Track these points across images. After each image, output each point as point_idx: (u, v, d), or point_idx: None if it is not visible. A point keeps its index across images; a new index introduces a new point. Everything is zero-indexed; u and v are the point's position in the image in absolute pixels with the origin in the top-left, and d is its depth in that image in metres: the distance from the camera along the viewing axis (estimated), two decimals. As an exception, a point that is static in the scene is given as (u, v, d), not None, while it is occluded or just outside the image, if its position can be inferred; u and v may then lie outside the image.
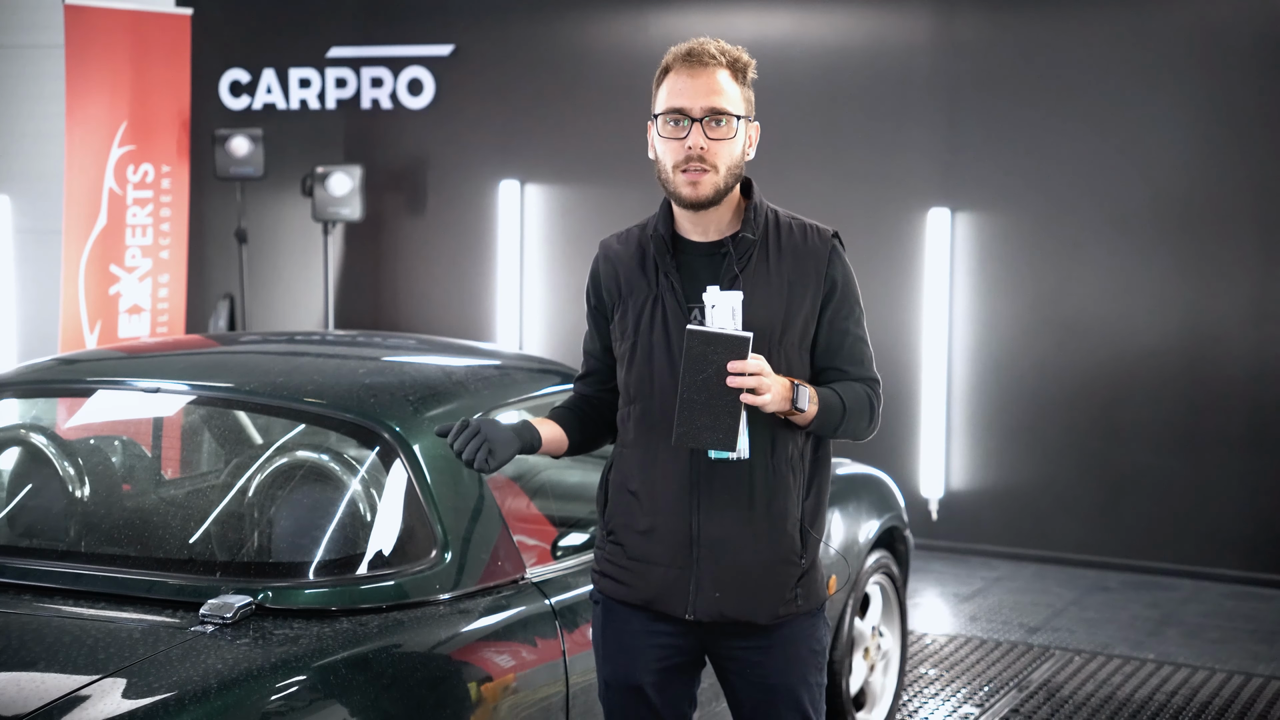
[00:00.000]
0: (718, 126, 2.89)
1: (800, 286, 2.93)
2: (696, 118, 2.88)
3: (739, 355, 2.73)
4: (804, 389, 2.85)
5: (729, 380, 2.72)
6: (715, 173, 2.89)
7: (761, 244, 2.94)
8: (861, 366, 3.01)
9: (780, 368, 2.88)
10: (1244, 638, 6.24)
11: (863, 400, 2.98)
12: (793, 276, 2.93)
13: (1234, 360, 7.04)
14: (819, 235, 2.99)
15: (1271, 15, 6.88)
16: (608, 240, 3.12)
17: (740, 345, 2.73)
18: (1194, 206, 7.07)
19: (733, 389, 2.73)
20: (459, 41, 8.60)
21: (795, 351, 2.93)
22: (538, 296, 8.48)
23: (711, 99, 2.89)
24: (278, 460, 3.36)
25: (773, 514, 2.92)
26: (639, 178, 8.17)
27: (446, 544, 3.26)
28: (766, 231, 2.96)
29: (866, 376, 3.01)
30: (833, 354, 2.97)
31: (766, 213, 2.99)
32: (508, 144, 8.51)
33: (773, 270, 2.92)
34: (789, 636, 2.99)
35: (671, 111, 2.91)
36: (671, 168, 2.92)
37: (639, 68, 8.16)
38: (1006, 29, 7.36)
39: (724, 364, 2.73)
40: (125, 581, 3.09)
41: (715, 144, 2.89)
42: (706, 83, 2.90)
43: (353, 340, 4.46)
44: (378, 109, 8.82)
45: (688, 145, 2.89)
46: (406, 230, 8.84)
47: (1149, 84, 7.12)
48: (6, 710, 2.56)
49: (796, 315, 2.92)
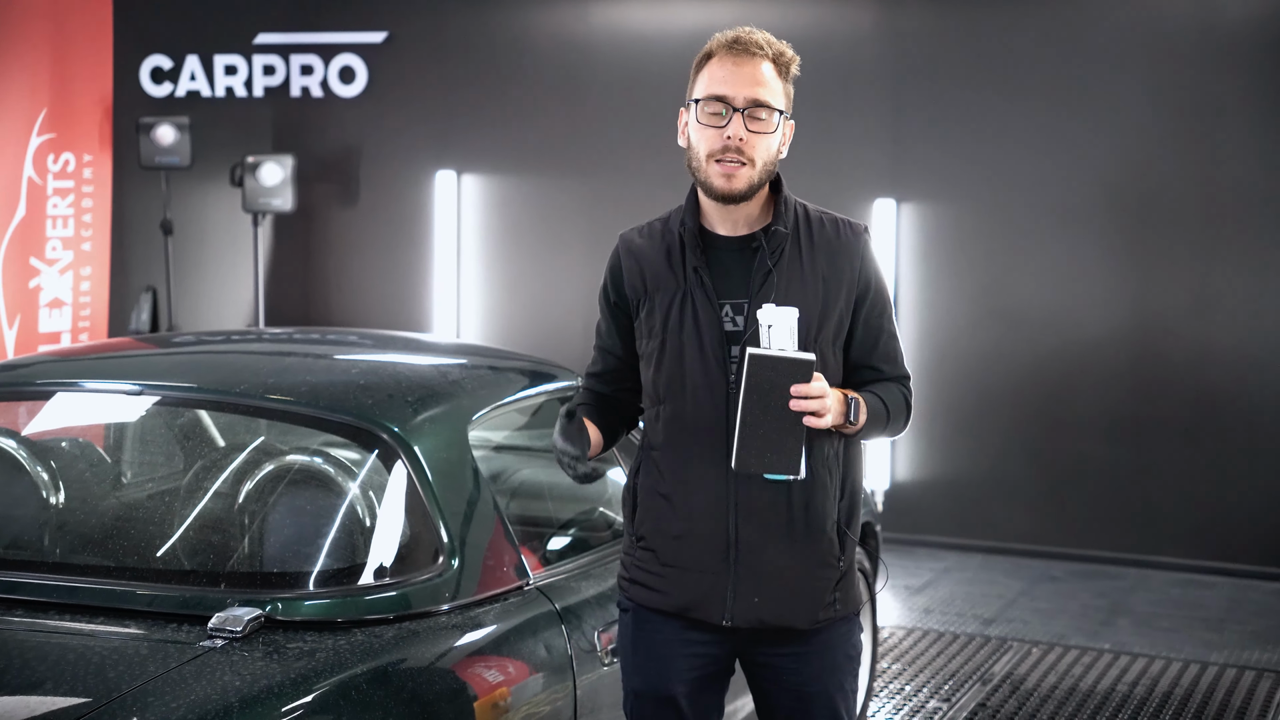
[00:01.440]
0: (759, 120, 2.81)
1: (835, 282, 2.86)
2: (739, 108, 2.80)
3: (804, 378, 2.65)
4: (857, 402, 2.78)
5: (794, 404, 2.64)
6: (751, 167, 2.81)
7: (793, 239, 2.87)
8: (895, 365, 2.95)
9: (819, 369, 2.81)
10: (1194, 626, 6.30)
11: (900, 402, 2.93)
12: (827, 272, 2.86)
13: (1177, 351, 7.11)
14: (851, 230, 2.93)
15: (1213, 8, 6.94)
16: (627, 234, 3.01)
17: (805, 368, 2.65)
18: (1137, 198, 7.13)
19: (795, 412, 2.65)
20: (392, 29, 8.44)
21: (830, 349, 2.86)
22: (475, 289, 8.35)
23: (756, 90, 2.81)
24: (275, 465, 3.23)
25: (810, 516, 2.85)
26: (579, 169, 8.09)
27: (453, 550, 3.15)
28: (797, 226, 2.89)
29: (900, 375, 2.96)
30: (868, 352, 2.91)
31: (795, 206, 2.92)
32: (443, 134, 8.37)
33: (806, 266, 2.85)
34: (826, 642, 2.92)
35: (713, 99, 2.83)
36: (706, 156, 2.83)
37: (580, 57, 8.06)
38: (951, 19, 7.37)
39: (787, 387, 2.64)
40: (123, 594, 2.95)
41: (754, 137, 2.81)
42: (751, 73, 2.82)
43: (323, 338, 4.32)
44: (308, 97, 8.62)
45: (727, 135, 2.80)
46: (339, 222, 8.67)
47: (1093, 76, 7.16)
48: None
49: (832, 312, 2.85)
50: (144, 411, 3.43)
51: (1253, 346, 6.98)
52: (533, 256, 8.24)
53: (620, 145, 8.02)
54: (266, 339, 4.42)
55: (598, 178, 8.07)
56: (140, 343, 3.96)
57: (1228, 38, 6.92)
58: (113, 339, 5.00)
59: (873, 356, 2.92)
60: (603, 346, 3.03)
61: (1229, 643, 6.07)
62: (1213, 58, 6.95)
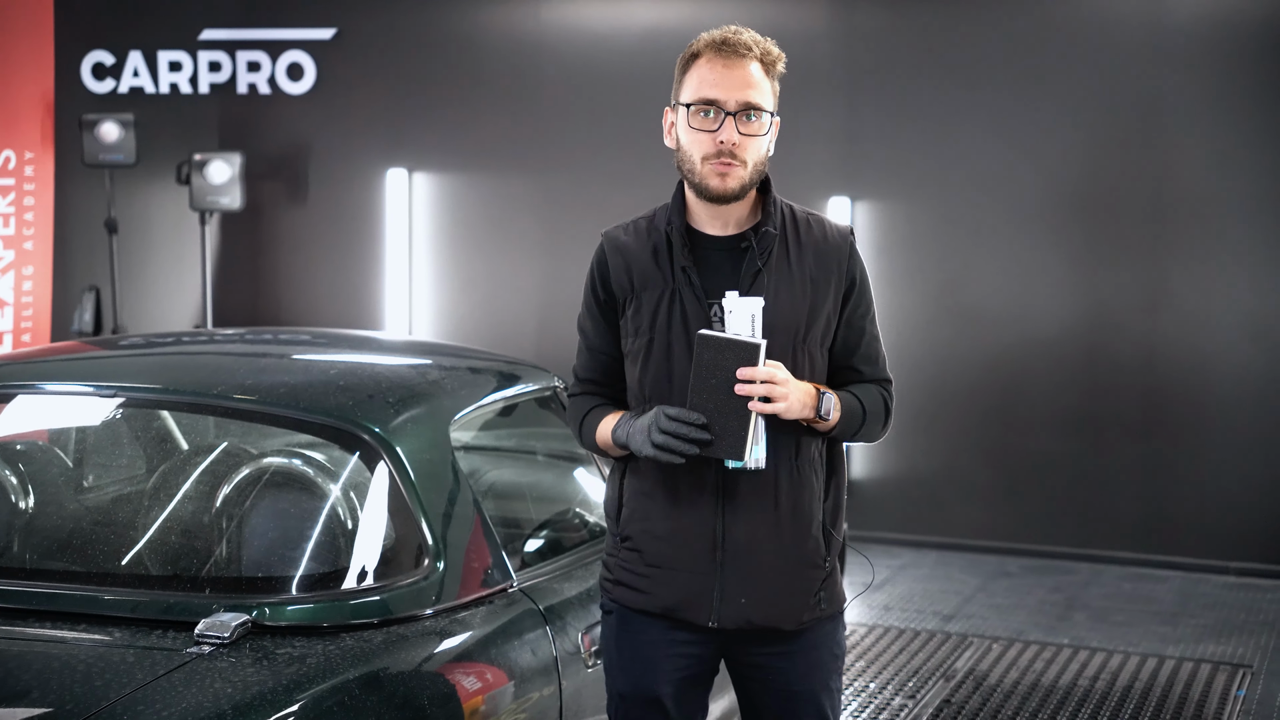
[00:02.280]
0: (750, 121, 2.81)
1: (823, 284, 2.86)
2: (731, 111, 2.79)
3: (749, 362, 2.65)
4: (829, 396, 2.78)
5: (737, 388, 2.65)
6: (744, 168, 2.81)
7: (781, 239, 2.86)
8: (876, 367, 2.96)
9: (803, 367, 2.81)
10: (1148, 620, 6.37)
11: (879, 404, 2.93)
12: (815, 273, 2.86)
13: (1128, 348, 7.18)
14: (838, 231, 2.93)
15: (1163, 8, 7.01)
16: (612, 232, 2.99)
17: (751, 352, 2.65)
18: (1090, 197, 7.19)
19: (743, 397, 2.65)
20: (341, 25, 8.35)
21: (817, 350, 2.87)
22: (426, 287, 8.29)
23: (747, 93, 2.80)
24: (255, 468, 3.19)
25: (797, 516, 2.85)
26: (532, 167, 8.06)
27: (438, 552, 3.12)
28: (785, 227, 2.89)
29: (881, 377, 2.97)
30: (849, 353, 2.92)
31: (782, 207, 2.92)
32: (394, 131, 8.30)
33: (794, 267, 2.85)
34: (812, 642, 2.92)
35: (703, 102, 2.81)
36: (700, 159, 2.82)
37: (532, 54, 8.02)
38: (905, 17, 7.40)
39: (733, 370, 2.65)
40: (104, 600, 2.89)
41: (747, 139, 2.80)
42: (741, 75, 2.82)
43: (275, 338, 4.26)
44: (255, 94, 8.52)
45: (719, 139, 2.79)
46: (287, 220, 8.57)
47: (1045, 75, 7.21)
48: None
49: (819, 313, 2.85)
50: (116, 414, 3.36)
51: (1202, 343, 7.06)
52: (485, 255, 8.19)
53: (573, 143, 7.99)
54: (225, 340, 4.33)
55: (550, 176, 8.03)
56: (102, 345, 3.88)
57: (1177, 38, 6.99)
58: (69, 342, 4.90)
59: (854, 358, 2.92)
60: (593, 347, 2.98)
61: (1183, 636, 6.14)
62: (1163, 58, 7.02)
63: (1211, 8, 6.97)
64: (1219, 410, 7.06)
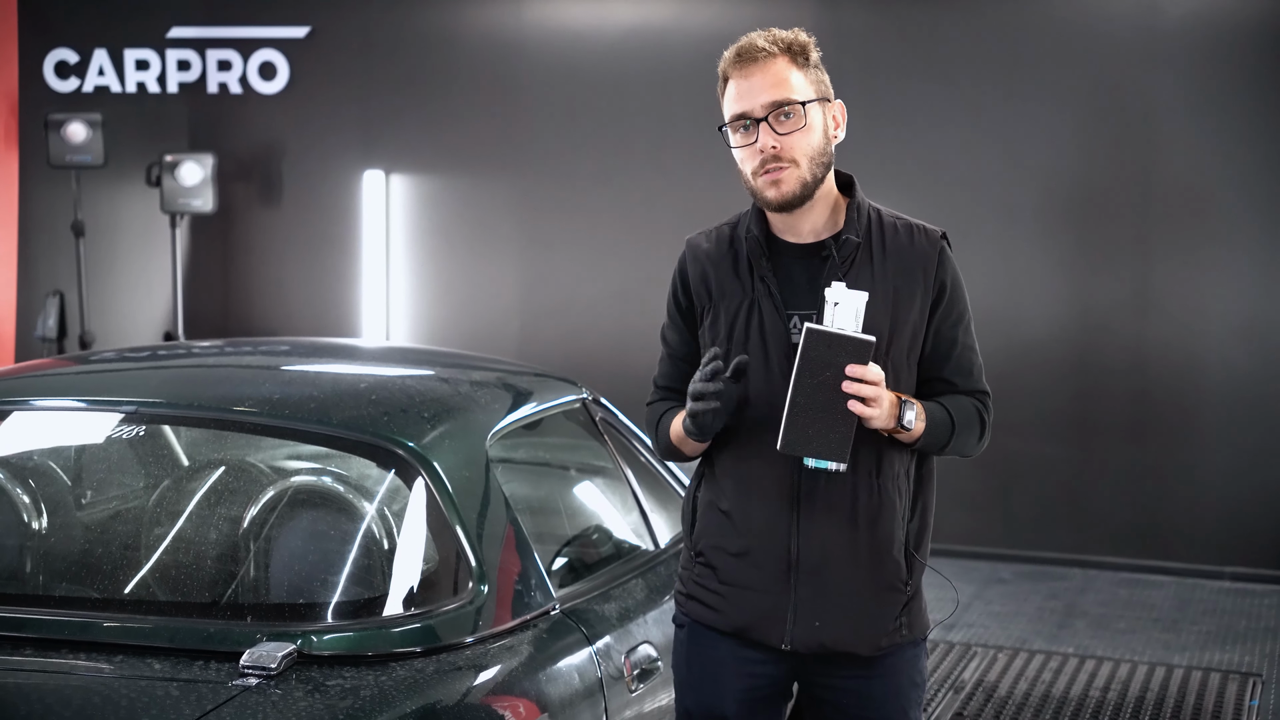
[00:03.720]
0: (785, 120, 2.68)
1: (907, 292, 2.73)
2: (760, 117, 2.67)
3: (860, 359, 2.53)
4: (911, 405, 2.66)
5: (846, 386, 2.53)
6: (797, 167, 2.68)
7: (864, 246, 2.74)
8: (970, 378, 2.83)
9: (888, 381, 2.68)
10: (1150, 627, 6.30)
11: (972, 416, 2.81)
12: (899, 281, 2.73)
13: (1118, 351, 7.13)
14: (926, 236, 2.80)
15: (1151, 8, 6.96)
16: (694, 239, 2.87)
17: (863, 349, 2.54)
18: (1078, 199, 7.13)
19: (848, 395, 2.53)
20: (315, 23, 8.17)
21: (904, 362, 2.74)
22: (404, 291, 8.12)
23: (769, 93, 2.68)
24: (288, 488, 3.03)
25: (877, 537, 2.74)
26: (512, 168, 7.92)
27: (481, 575, 2.97)
28: (869, 232, 2.76)
29: (976, 389, 2.84)
30: (939, 364, 2.79)
31: (869, 212, 2.79)
32: (371, 132, 8.12)
33: (877, 275, 2.72)
34: (891, 667, 2.80)
35: (736, 119, 2.71)
36: (751, 174, 2.72)
37: (512, 54, 7.88)
38: (890, 17, 7.30)
39: (842, 368, 2.53)
40: (140, 630, 2.73)
41: (787, 138, 2.68)
42: (761, 79, 2.69)
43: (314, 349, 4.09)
44: (226, 94, 8.32)
45: (759, 148, 2.68)
46: (260, 223, 8.37)
47: (1034, 77, 7.15)
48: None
49: (904, 324, 2.72)
50: (136, 432, 3.19)
51: (1192, 345, 7.01)
52: (465, 258, 8.03)
53: (554, 144, 7.84)
54: (236, 352, 4.08)
55: (531, 177, 7.88)
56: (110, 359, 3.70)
57: (1165, 38, 6.94)
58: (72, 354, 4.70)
59: (945, 369, 2.79)
60: (674, 355, 2.88)
61: (1187, 644, 6.08)
62: (1150, 58, 6.97)
63: (1201, 10, 6.92)
64: (1210, 413, 7.02)
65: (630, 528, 3.70)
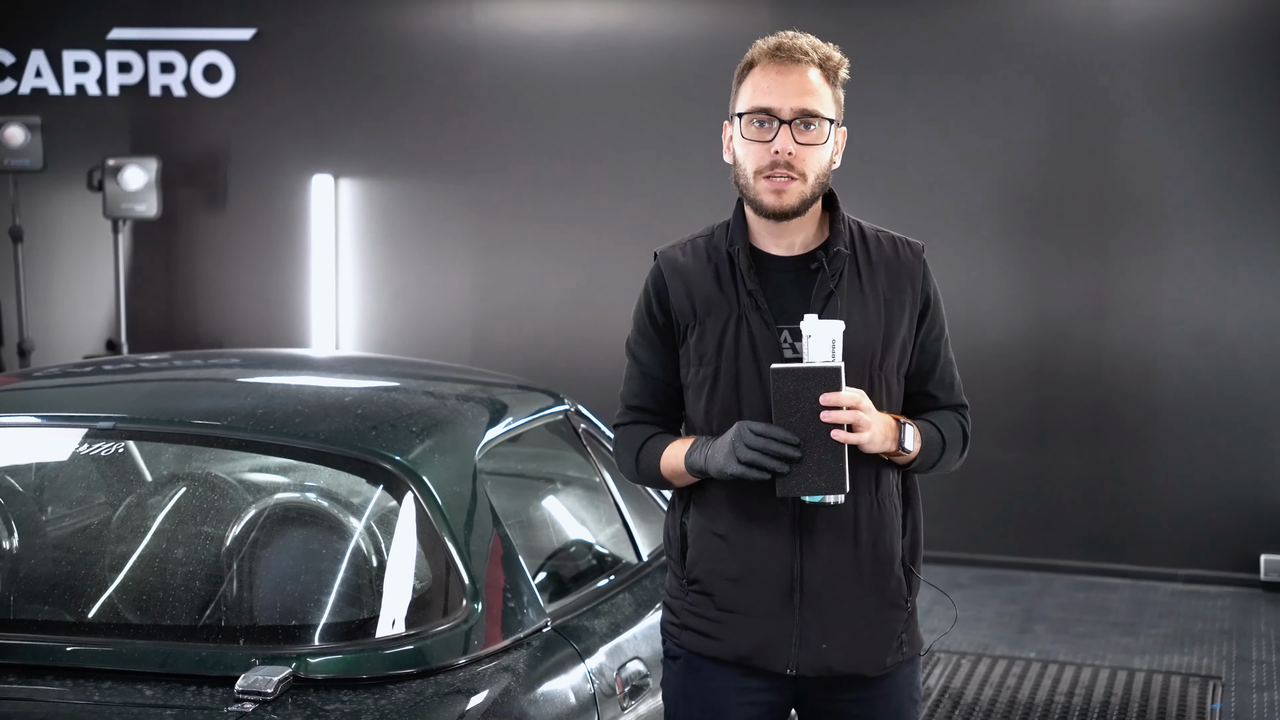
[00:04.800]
0: (808, 130, 2.62)
1: (897, 305, 2.69)
2: (785, 119, 2.61)
3: (832, 387, 2.48)
4: (909, 427, 2.63)
5: (824, 416, 2.48)
6: (803, 182, 2.63)
7: (850, 259, 2.70)
8: (952, 392, 2.82)
9: (880, 395, 2.65)
10: (1109, 630, 6.33)
11: (958, 433, 2.79)
12: (889, 295, 2.69)
13: (1076, 356, 7.16)
14: (910, 249, 2.77)
15: (1107, 15, 7.00)
16: (668, 253, 2.78)
17: (831, 377, 2.48)
18: (1036, 205, 7.15)
19: (831, 425, 2.48)
20: (261, 25, 8.04)
21: (894, 376, 2.71)
22: (354, 298, 8.01)
23: (803, 99, 2.61)
24: (276, 506, 2.94)
25: (878, 554, 2.69)
26: (464, 172, 7.83)
27: (475, 593, 2.90)
28: (854, 245, 2.72)
29: (957, 403, 2.82)
30: (924, 378, 2.76)
31: (850, 224, 2.75)
32: (319, 136, 8.00)
33: (867, 288, 2.68)
34: (892, 687, 2.77)
35: (757, 111, 2.63)
36: (754, 173, 2.64)
37: (463, 57, 7.79)
38: (848, 21, 7.29)
39: (817, 399, 2.48)
40: (129, 655, 2.64)
41: (805, 149, 2.62)
42: (798, 81, 2.62)
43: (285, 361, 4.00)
44: (169, 96, 8.17)
45: (774, 149, 2.61)
46: (205, 228, 8.22)
47: (993, 81, 7.16)
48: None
49: (895, 337, 2.69)
50: (116, 449, 3.09)
51: (1149, 350, 7.05)
52: (416, 264, 7.93)
53: (507, 148, 7.76)
54: (214, 364, 3.97)
55: (484, 182, 7.80)
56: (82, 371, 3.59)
57: (1121, 45, 6.98)
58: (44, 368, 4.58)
59: (929, 383, 2.77)
60: (648, 374, 2.78)
61: (1146, 647, 6.10)
62: (1107, 64, 7.00)
63: (1157, 16, 6.96)
64: (1166, 417, 7.06)
65: (614, 541, 3.64)
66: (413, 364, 4.14)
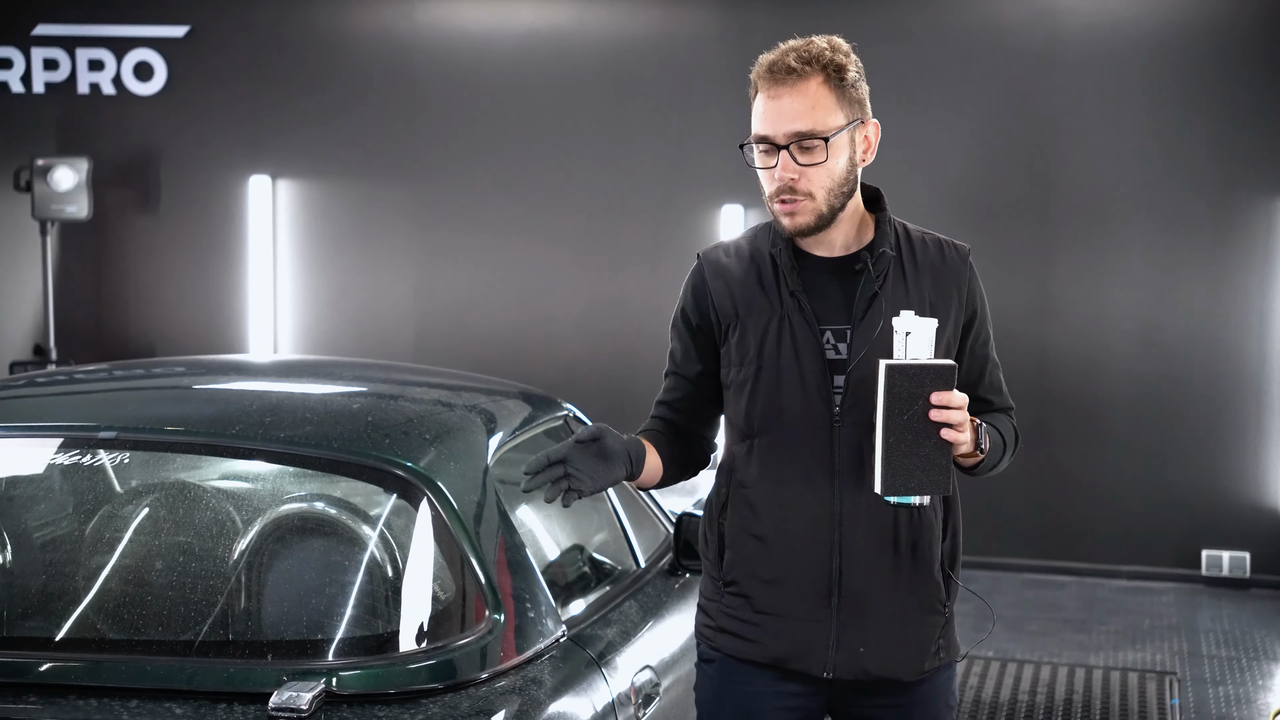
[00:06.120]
0: (806, 152, 2.59)
1: (943, 309, 2.67)
2: (781, 145, 2.58)
3: (945, 386, 2.45)
4: (984, 429, 2.61)
5: (934, 415, 2.44)
6: (813, 200, 2.60)
7: (896, 261, 2.68)
8: (1002, 395, 2.81)
9: None
10: (1061, 628, 6.39)
11: (1012, 435, 2.80)
12: (934, 298, 2.67)
13: (1020, 355, 7.20)
14: (957, 252, 2.75)
15: (1052, 17, 7.07)
16: (711, 253, 2.77)
17: (947, 375, 2.45)
18: (980, 206, 7.20)
19: (939, 424, 2.45)
20: (194, 22, 7.88)
21: None
22: (293, 301, 7.87)
23: (794, 123, 2.58)
24: (291, 516, 2.86)
25: (918, 558, 2.68)
26: (406, 173, 7.73)
27: (498, 603, 2.84)
28: (899, 246, 2.70)
29: (1008, 406, 2.82)
30: (975, 383, 2.75)
31: (896, 226, 2.73)
32: (256, 136, 7.85)
33: (912, 291, 2.66)
34: (928, 693, 2.75)
35: (757, 140, 2.62)
36: (768, 197, 2.64)
37: (404, 56, 7.69)
38: (798, 22, 7.24)
39: (928, 398, 2.44)
40: (153, 672, 2.54)
41: (807, 170, 2.59)
42: (790, 103, 2.59)
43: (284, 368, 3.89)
44: (98, 95, 7.97)
45: (776, 176, 2.59)
46: (136, 230, 8.03)
47: (938, 82, 7.20)
48: None
49: (940, 342, 2.66)
50: (121, 460, 2.98)
51: (1093, 349, 7.14)
52: (357, 265, 7.81)
53: (449, 148, 7.67)
54: (200, 372, 3.84)
55: (426, 183, 7.70)
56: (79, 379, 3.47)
57: (1064, 47, 7.05)
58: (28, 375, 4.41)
59: (980, 387, 2.76)
60: (679, 372, 2.78)
61: (1100, 644, 6.17)
62: (1052, 67, 7.08)
63: (1102, 19, 7.04)
64: (1109, 415, 7.15)
65: (616, 547, 3.60)
66: (408, 369, 4.06)
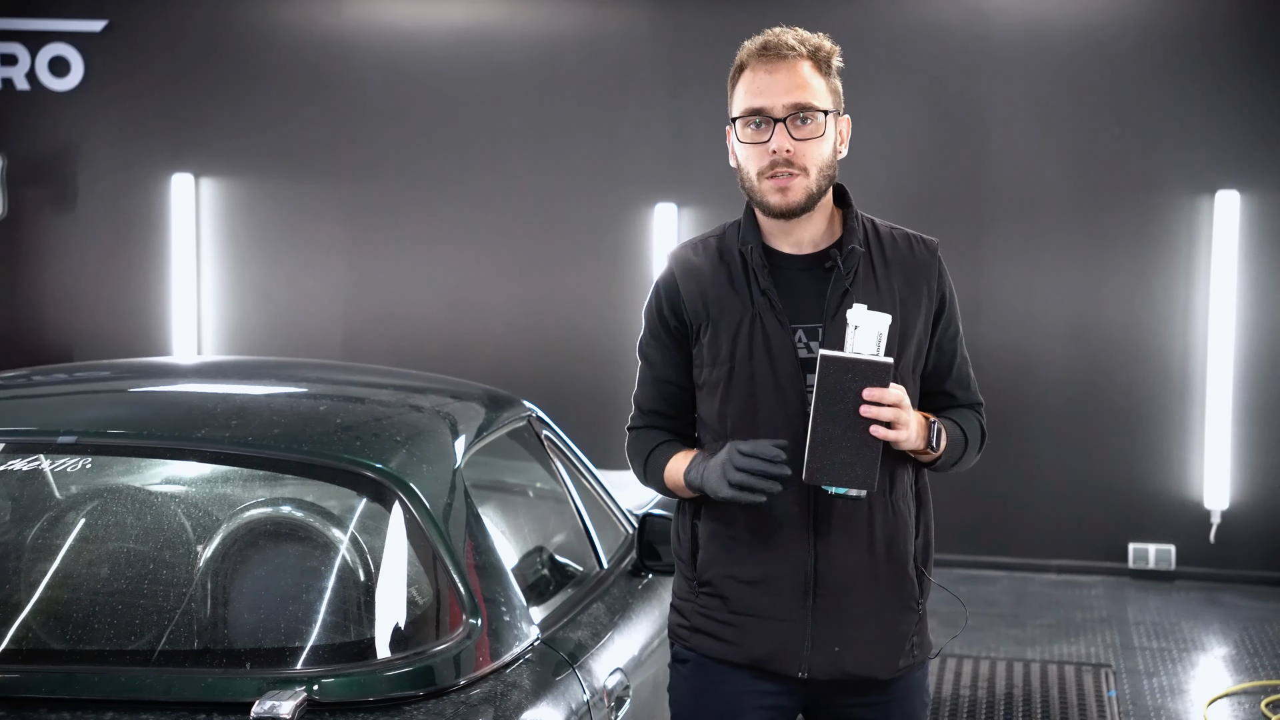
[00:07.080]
0: (804, 125, 2.60)
1: (913, 304, 2.68)
2: (779, 117, 2.60)
3: (879, 382, 2.45)
4: (938, 427, 2.61)
5: (863, 410, 2.44)
6: (806, 176, 2.61)
7: (865, 257, 2.67)
8: (969, 390, 2.81)
9: None
10: (996, 623, 6.44)
11: (977, 431, 2.79)
12: (904, 293, 2.68)
13: (949, 353, 7.27)
14: (925, 246, 2.76)
15: (982, 18, 7.12)
16: (680, 253, 2.75)
17: (882, 371, 2.46)
18: (910, 204, 7.24)
19: (870, 420, 2.45)
20: (112, 16, 7.71)
21: (910, 377, 2.69)
22: (217, 301, 7.73)
23: (795, 94, 2.60)
24: (264, 522, 2.78)
25: (893, 556, 2.69)
26: (333, 171, 7.63)
27: (475, 608, 2.80)
28: (868, 243, 2.70)
29: (975, 401, 2.82)
30: (942, 377, 2.76)
31: (864, 222, 2.73)
32: (178, 134, 7.70)
33: (882, 287, 2.66)
34: (904, 690, 2.76)
35: (751, 113, 2.61)
36: (756, 175, 2.63)
37: (331, 52, 7.59)
38: (731, 19, 7.28)
39: (861, 392, 2.45)
40: (131, 684, 2.47)
41: (803, 144, 2.60)
42: (788, 77, 2.62)
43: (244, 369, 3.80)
44: (11, 90, 7.78)
45: (771, 149, 2.59)
46: (54, 230, 7.85)
47: (869, 80, 7.22)
48: None
49: (911, 337, 2.68)
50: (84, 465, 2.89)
51: (1024, 347, 7.21)
52: (284, 265, 7.69)
53: (377, 146, 7.58)
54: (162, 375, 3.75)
55: (354, 181, 7.60)
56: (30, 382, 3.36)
57: (995, 47, 7.11)
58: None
59: (947, 382, 2.77)
60: (660, 377, 2.75)
61: (1035, 638, 6.23)
62: (981, 66, 7.14)
63: (1030, 19, 7.12)
64: (1039, 411, 7.22)
65: (580, 548, 3.56)
66: (367, 369, 3.99)
